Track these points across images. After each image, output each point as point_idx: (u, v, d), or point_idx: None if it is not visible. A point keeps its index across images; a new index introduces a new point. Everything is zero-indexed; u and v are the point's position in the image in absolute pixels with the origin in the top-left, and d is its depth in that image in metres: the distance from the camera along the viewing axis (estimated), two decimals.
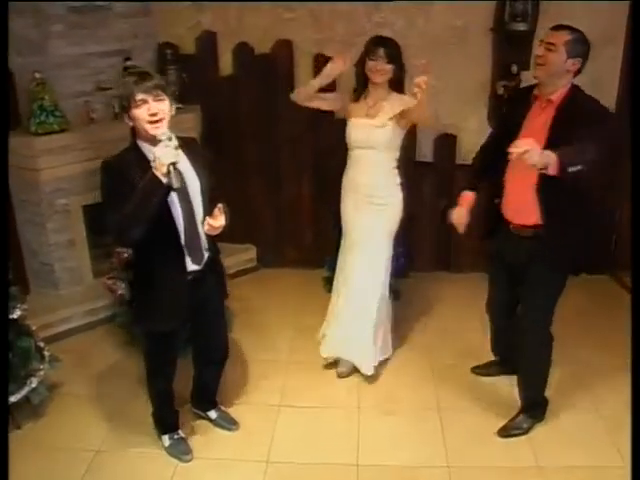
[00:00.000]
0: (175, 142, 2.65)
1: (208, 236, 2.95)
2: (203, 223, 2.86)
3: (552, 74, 3.03)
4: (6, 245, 3.20)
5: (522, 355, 3.46)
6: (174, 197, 2.77)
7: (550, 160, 2.69)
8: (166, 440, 3.39)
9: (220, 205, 2.81)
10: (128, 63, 4.58)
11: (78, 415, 3.66)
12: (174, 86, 4.83)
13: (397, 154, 3.73)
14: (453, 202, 3.54)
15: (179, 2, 4.84)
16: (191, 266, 2.95)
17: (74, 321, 4.47)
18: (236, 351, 4.21)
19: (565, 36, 2.99)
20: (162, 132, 2.65)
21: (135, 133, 2.80)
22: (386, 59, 3.53)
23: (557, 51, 2.99)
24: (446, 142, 4.94)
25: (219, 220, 2.80)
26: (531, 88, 3.23)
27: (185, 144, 2.79)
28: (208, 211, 2.86)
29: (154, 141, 2.68)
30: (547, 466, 3.26)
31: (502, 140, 3.03)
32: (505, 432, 3.50)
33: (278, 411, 3.69)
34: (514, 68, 4.71)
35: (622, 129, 3.02)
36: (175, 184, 2.63)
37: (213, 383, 3.56)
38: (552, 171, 2.71)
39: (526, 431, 3.50)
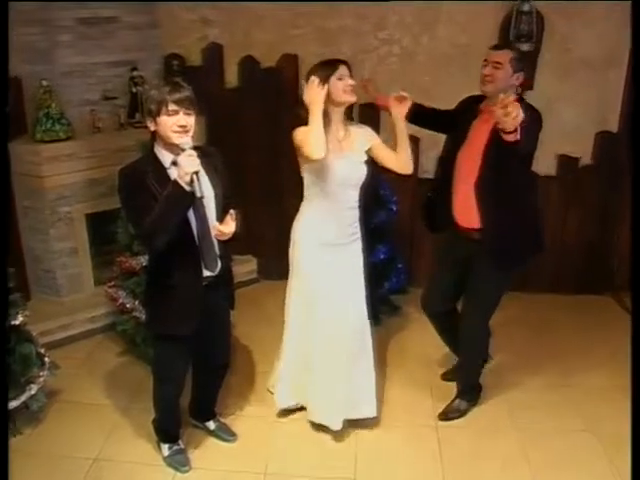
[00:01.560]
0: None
1: (221, 244, 2.98)
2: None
3: (501, 89, 3.24)
4: (6, 252, 3.23)
5: (462, 345, 3.75)
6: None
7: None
8: (165, 449, 3.39)
9: (232, 212, 2.86)
10: (134, 73, 4.63)
11: (77, 423, 3.66)
12: None
13: None
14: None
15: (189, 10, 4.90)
16: (205, 272, 2.98)
17: (74, 328, 4.48)
18: (235, 363, 4.20)
19: (509, 54, 3.32)
20: (185, 141, 2.73)
21: (155, 138, 2.85)
22: (350, 74, 3.24)
23: (503, 68, 3.29)
24: None
25: (229, 226, 2.84)
26: (475, 100, 3.49)
27: (203, 153, 2.84)
28: (221, 219, 2.90)
29: (173, 148, 2.77)
30: None
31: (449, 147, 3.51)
32: (444, 416, 3.75)
33: (276, 424, 3.69)
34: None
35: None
36: (198, 192, 2.71)
37: (213, 393, 3.57)
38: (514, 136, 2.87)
39: (463, 414, 3.77)
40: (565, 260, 5.16)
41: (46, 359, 3.67)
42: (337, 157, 3.27)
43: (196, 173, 2.69)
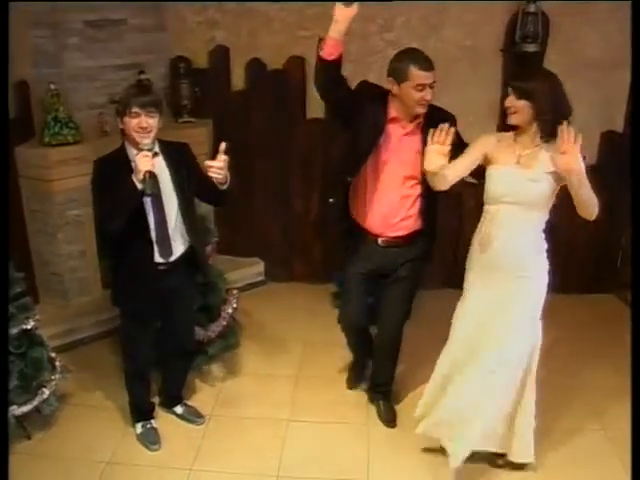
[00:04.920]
0: (155, 150, 3.05)
1: (190, 230, 3.25)
2: (178, 219, 3.20)
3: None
4: (6, 252, 3.24)
5: (390, 346, 3.70)
6: (148, 199, 3.06)
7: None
8: (138, 428, 3.58)
9: (224, 143, 3.12)
10: (142, 76, 4.61)
11: (88, 426, 3.66)
12: (186, 100, 4.89)
13: (547, 216, 3.11)
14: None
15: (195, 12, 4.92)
16: (158, 259, 3.21)
17: (83, 332, 4.48)
18: (244, 365, 4.24)
19: None
20: (145, 142, 3.01)
21: (124, 135, 3.13)
22: (516, 95, 2.90)
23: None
24: None
25: (218, 161, 3.11)
26: (375, 94, 3.29)
27: (169, 151, 3.17)
28: (186, 210, 3.21)
29: (137, 145, 3.04)
30: None
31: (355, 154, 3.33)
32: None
33: (287, 426, 3.70)
34: None
35: None
36: (148, 190, 2.96)
37: (179, 378, 3.75)
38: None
39: None
40: (572, 260, 5.16)
41: (57, 363, 3.67)
42: (503, 170, 2.98)
43: (149, 172, 2.93)
